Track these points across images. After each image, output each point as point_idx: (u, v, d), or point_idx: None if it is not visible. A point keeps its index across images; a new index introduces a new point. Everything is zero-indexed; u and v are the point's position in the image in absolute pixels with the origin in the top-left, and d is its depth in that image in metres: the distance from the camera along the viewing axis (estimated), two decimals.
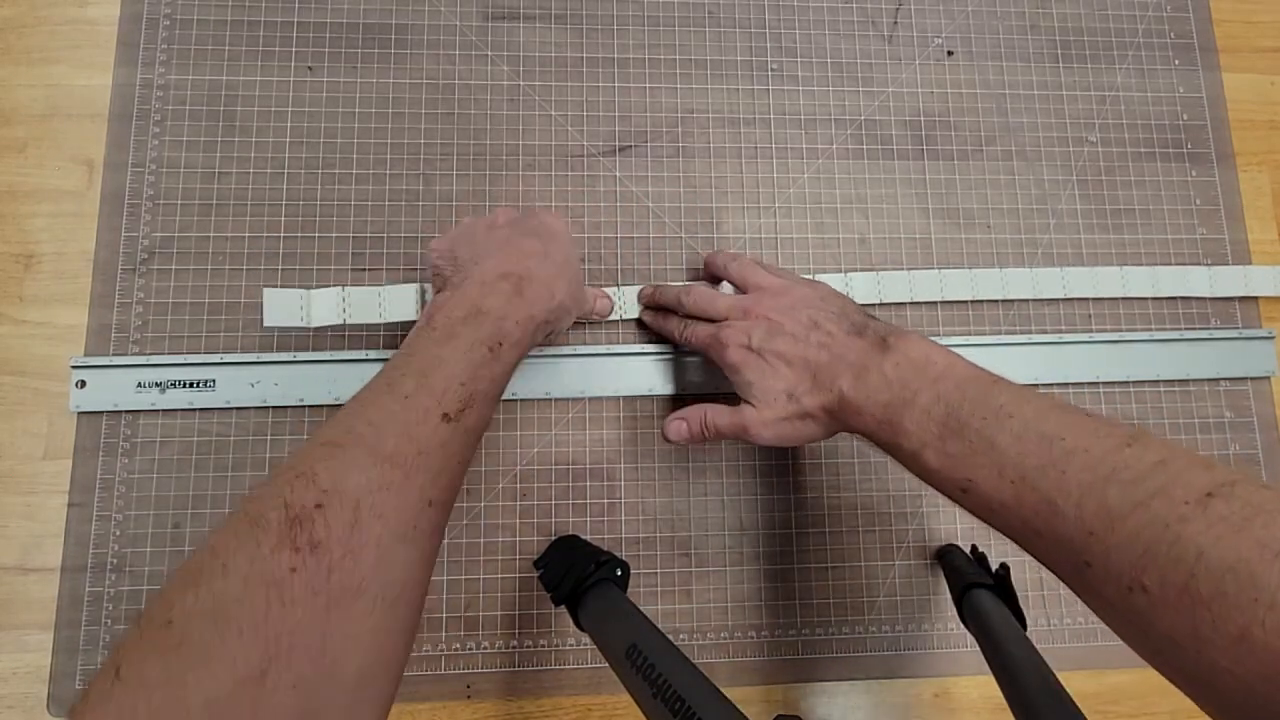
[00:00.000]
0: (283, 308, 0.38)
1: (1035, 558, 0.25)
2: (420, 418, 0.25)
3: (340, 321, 0.39)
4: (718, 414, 0.35)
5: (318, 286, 0.40)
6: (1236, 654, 0.19)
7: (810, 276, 0.42)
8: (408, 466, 0.23)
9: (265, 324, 0.38)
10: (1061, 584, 0.23)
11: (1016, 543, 0.26)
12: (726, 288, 0.40)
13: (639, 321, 0.43)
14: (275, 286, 0.37)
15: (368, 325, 0.42)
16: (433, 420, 0.25)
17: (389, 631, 0.22)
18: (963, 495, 0.26)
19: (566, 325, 0.36)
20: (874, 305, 0.44)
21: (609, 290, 0.43)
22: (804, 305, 0.34)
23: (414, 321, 0.36)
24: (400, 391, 0.25)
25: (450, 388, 0.26)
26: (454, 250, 0.33)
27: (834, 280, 0.44)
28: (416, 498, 0.24)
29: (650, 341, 0.43)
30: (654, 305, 0.42)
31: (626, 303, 0.43)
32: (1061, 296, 0.45)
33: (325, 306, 0.39)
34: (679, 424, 0.37)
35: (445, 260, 0.33)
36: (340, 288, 0.39)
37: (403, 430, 0.24)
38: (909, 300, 0.44)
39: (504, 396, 0.41)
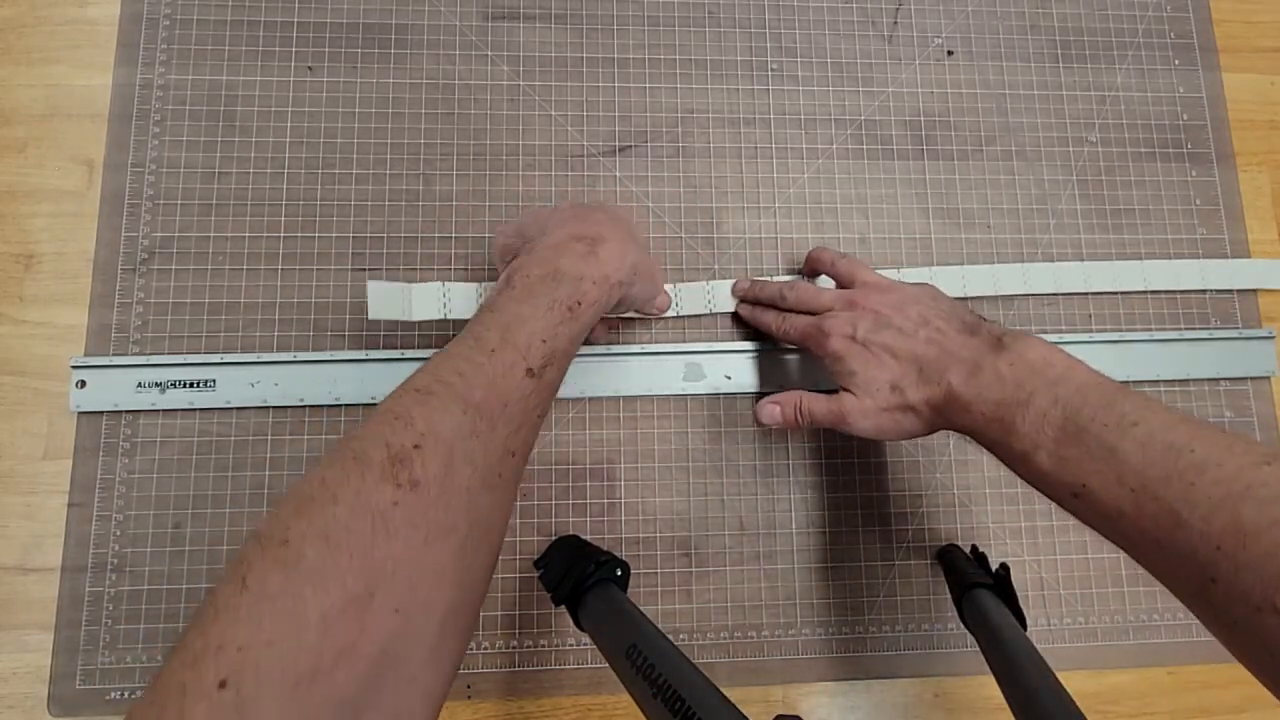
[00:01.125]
0: (387, 301, 0.36)
1: (1150, 571, 0.24)
2: (505, 371, 0.26)
3: (441, 317, 0.37)
4: (814, 401, 0.35)
5: (419, 279, 0.39)
6: None
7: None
8: (493, 417, 0.25)
9: (370, 317, 0.35)
10: (1061, 584, 0.23)
11: (1131, 555, 0.25)
12: (827, 282, 0.40)
13: (734, 316, 0.43)
14: (379, 279, 0.36)
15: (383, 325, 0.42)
16: (517, 374, 0.26)
17: (474, 570, 0.23)
18: (1074, 501, 0.25)
19: (642, 297, 0.36)
20: None
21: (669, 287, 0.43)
22: (913, 302, 0.34)
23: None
24: (485, 345, 0.26)
25: (533, 343, 0.27)
26: (521, 230, 0.34)
27: (825, 279, 0.44)
28: (500, 447, 0.25)
29: (650, 342, 0.43)
30: (752, 299, 0.42)
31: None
32: (1054, 292, 0.45)
33: (427, 301, 0.37)
34: (773, 408, 0.37)
35: (515, 238, 0.34)
36: (441, 283, 0.37)
37: (489, 382, 0.25)
38: None
39: None
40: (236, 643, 0.17)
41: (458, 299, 0.37)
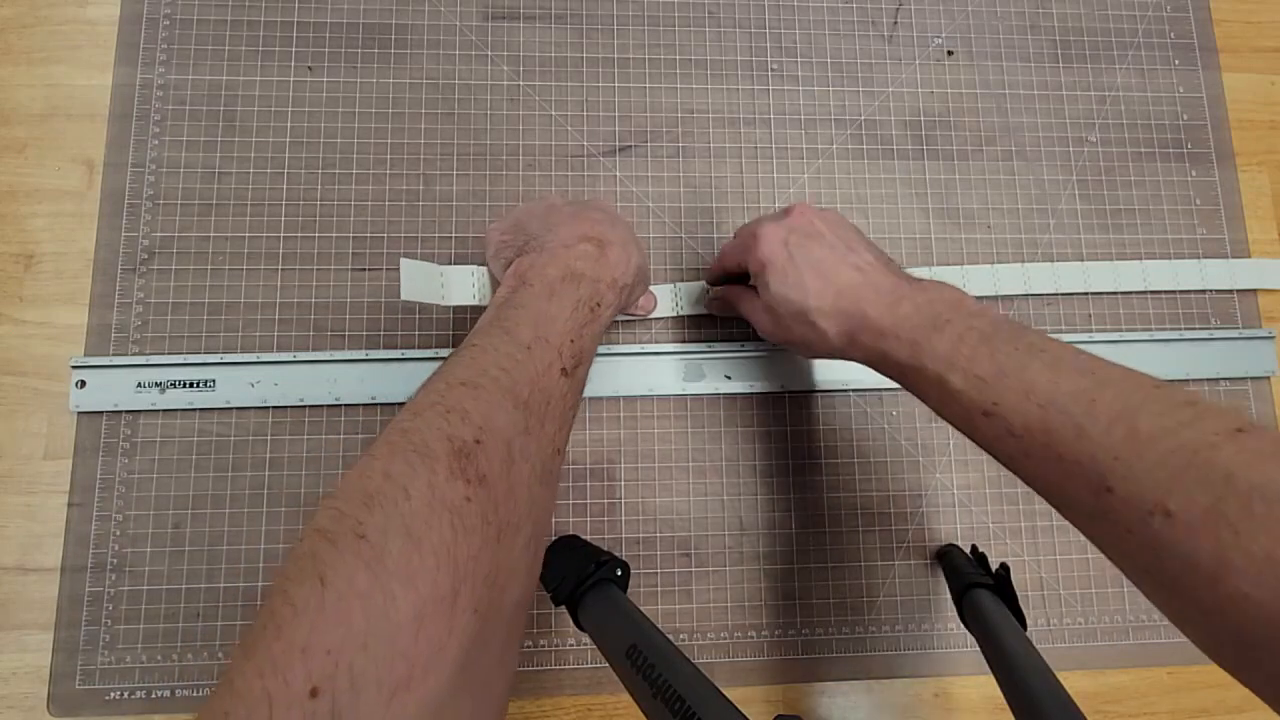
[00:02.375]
0: (421, 281, 0.34)
1: (1046, 492, 0.25)
2: (544, 369, 0.25)
3: (475, 302, 0.37)
4: (741, 293, 0.37)
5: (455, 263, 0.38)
6: (1261, 577, 0.19)
7: None
8: (541, 414, 0.24)
9: (403, 298, 0.34)
10: (1061, 584, 0.23)
11: (1030, 475, 0.26)
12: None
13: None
14: (414, 258, 0.35)
15: (370, 324, 0.42)
16: (555, 372, 0.26)
17: (532, 566, 0.23)
18: (984, 420, 0.26)
19: (635, 297, 0.36)
20: None
21: (660, 287, 0.43)
22: (848, 227, 0.34)
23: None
24: (520, 340, 0.26)
25: (564, 343, 0.27)
26: (520, 226, 0.33)
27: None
28: (550, 444, 0.25)
29: (650, 342, 0.43)
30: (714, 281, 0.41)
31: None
32: (1054, 292, 0.45)
33: (460, 285, 0.36)
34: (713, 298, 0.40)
35: (512, 234, 0.33)
36: (473, 266, 0.37)
37: (533, 379, 0.25)
38: None
39: None
40: (324, 645, 0.16)
41: (488, 285, 0.37)
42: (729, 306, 0.39)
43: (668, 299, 0.43)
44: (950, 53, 0.48)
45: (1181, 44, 0.49)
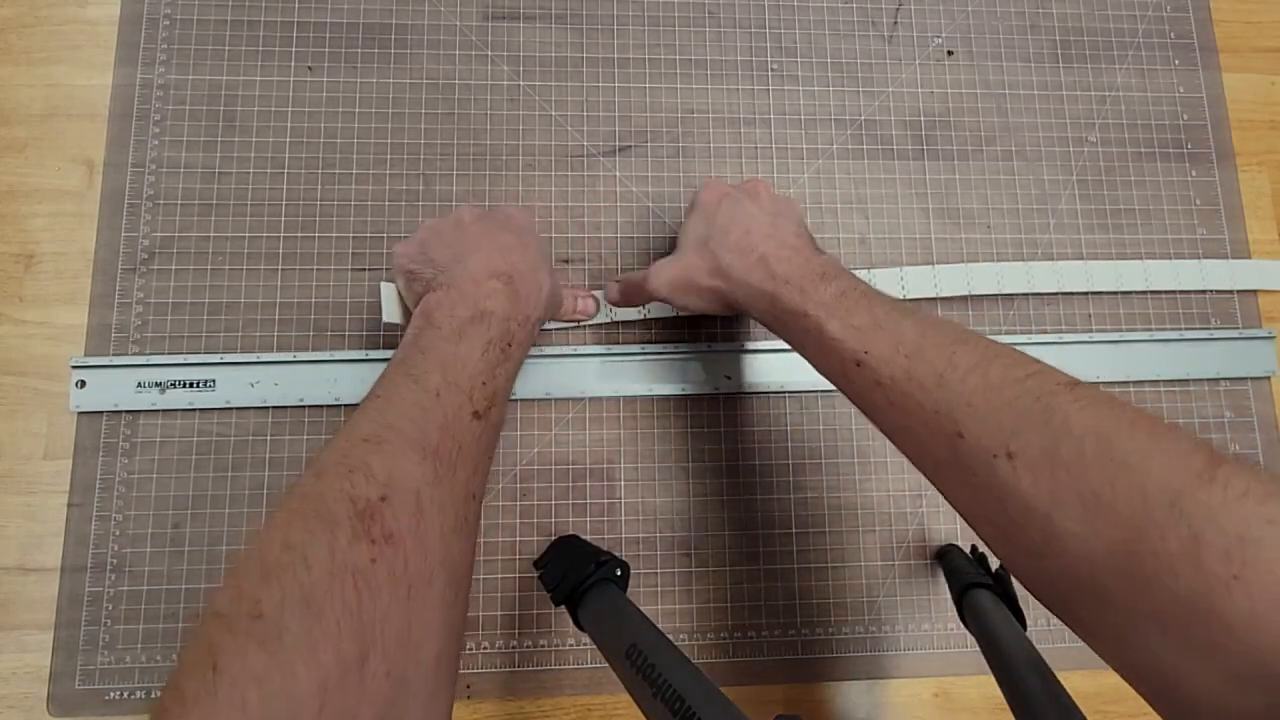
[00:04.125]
0: (402, 305, 0.36)
1: (904, 440, 0.27)
2: (454, 415, 0.25)
3: None
4: (634, 274, 0.38)
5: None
6: (1085, 515, 0.20)
7: None
8: (452, 461, 0.24)
9: (385, 320, 0.35)
10: None
11: (887, 424, 0.27)
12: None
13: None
14: (391, 281, 0.35)
15: (368, 326, 0.42)
16: (465, 417, 0.25)
17: (454, 617, 0.22)
18: (855, 369, 0.27)
19: (551, 313, 0.36)
20: None
21: (597, 292, 0.43)
22: (790, 208, 0.35)
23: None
24: (428, 387, 0.25)
25: (475, 386, 0.27)
26: (426, 251, 0.32)
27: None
28: (463, 492, 0.24)
29: (649, 342, 0.43)
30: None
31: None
32: (1056, 291, 0.45)
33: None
34: (613, 285, 0.40)
35: (419, 262, 0.32)
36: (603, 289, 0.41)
37: (442, 426, 0.24)
38: (902, 297, 0.44)
39: None
40: None
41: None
42: (630, 290, 0.39)
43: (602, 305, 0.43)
44: (950, 53, 0.48)
45: (1181, 44, 0.49)
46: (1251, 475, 0.18)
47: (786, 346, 0.43)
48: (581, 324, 0.43)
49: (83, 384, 0.40)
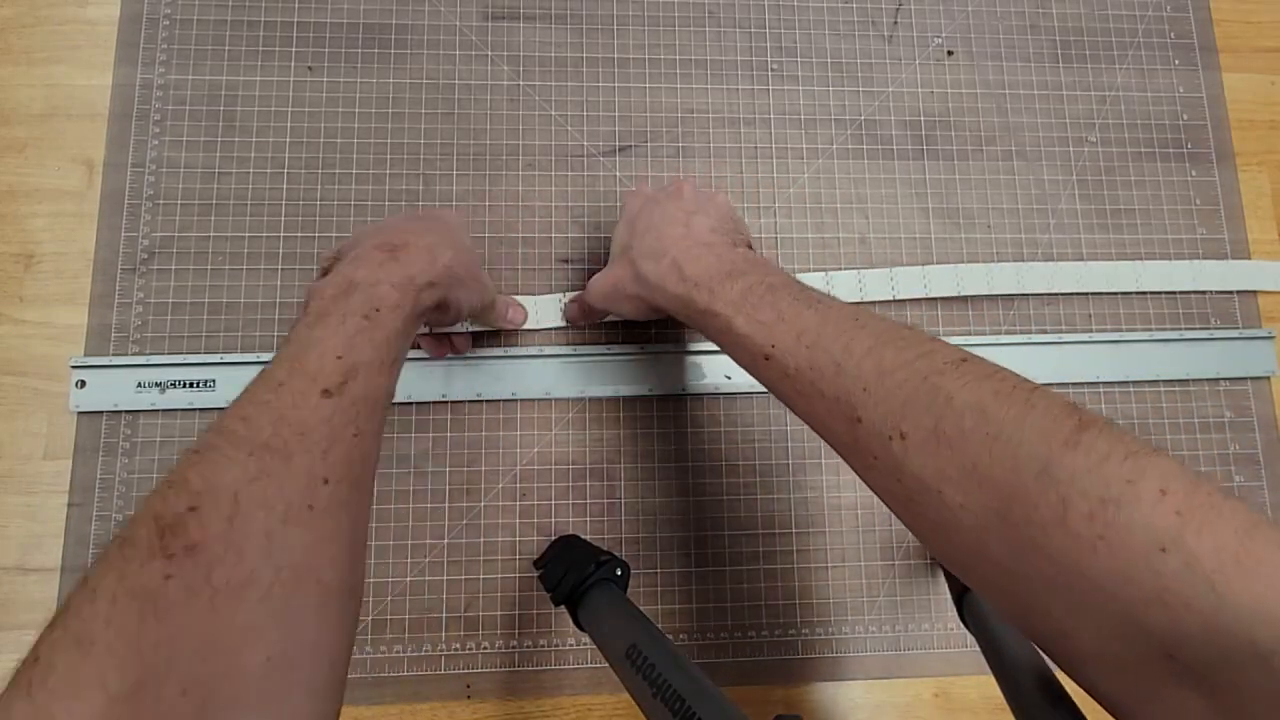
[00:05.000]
0: (540, 311, 0.42)
1: (815, 427, 0.27)
2: (296, 401, 0.24)
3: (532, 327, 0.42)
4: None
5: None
6: (968, 487, 0.21)
7: (809, 273, 0.42)
8: (287, 450, 0.23)
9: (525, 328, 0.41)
10: None
11: (799, 412, 0.28)
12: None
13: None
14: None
15: None
16: (311, 399, 0.24)
17: (299, 615, 0.21)
18: (765, 363, 0.28)
19: (468, 303, 0.35)
20: (861, 303, 0.44)
21: (548, 297, 0.43)
22: (712, 202, 0.36)
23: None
24: (273, 381, 0.25)
25: (325, 364, 0.25)
26: (339, 247, 0.32)
27: (816, 279, 0.44)
28: (304, 478, 0.23)
29: (649, 341, 0.43)
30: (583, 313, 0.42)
31: None
32: (1047, 292, 0.45)
33: (548, 310, 0.43)
34: (571, 304, 0.42)
35: (329, 259, 0.32)
36: (559, 294, 0.43)
37: (278, 417, 0.23)
38: (891, 298, 0.44)
39: (504, 397, 0.41)
40: None
41: (544, 309, 0.42)
42: (582, 309, 0.41)
43: (553, 308, 0.43)
44: (950, 53, 0.48)
45: (1181, 44, 0.49)
46: (1115, 438, 0.19)
47: None
48: (516, 330, 0.42)
49: (83, 384, 0.40)
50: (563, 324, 0.43)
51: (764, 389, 0.43)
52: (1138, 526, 0.17)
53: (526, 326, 0.42)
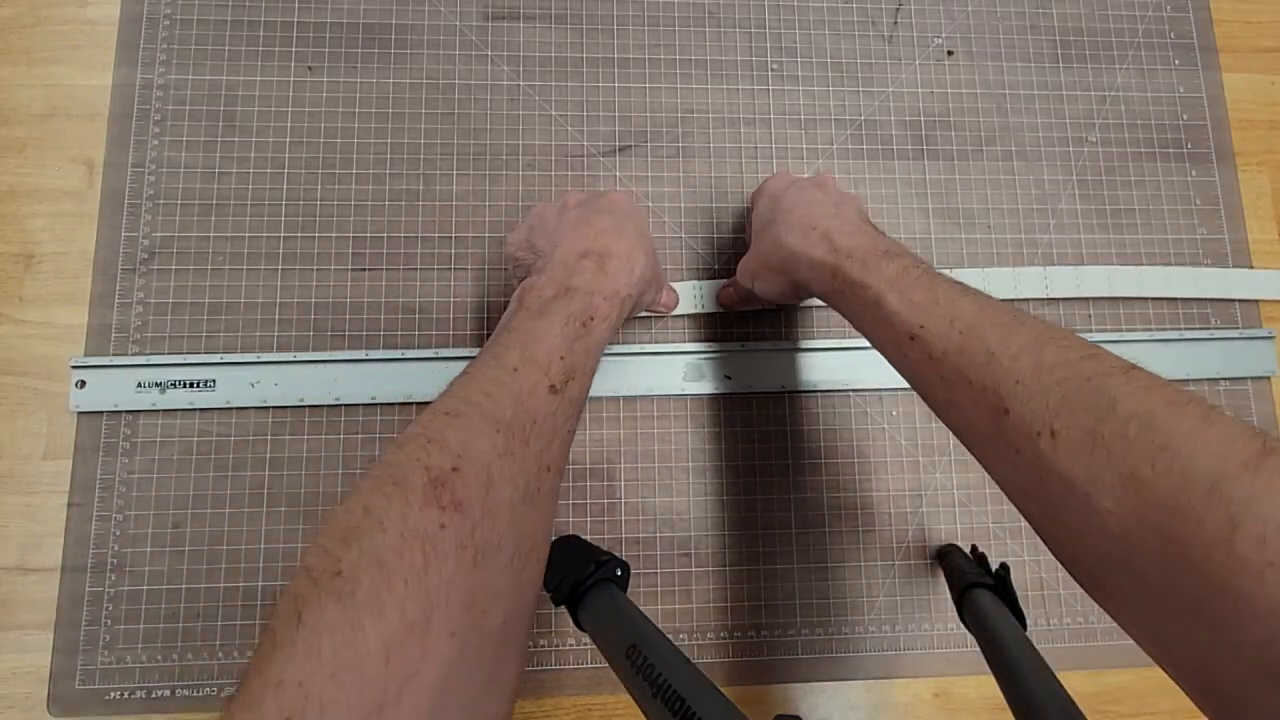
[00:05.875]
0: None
1: (951, 415, 0.27)
2: (530, 389, 0.26)
3: (696, 310, 0.43)
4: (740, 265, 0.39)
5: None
6: (1122, 494, 0.20)
7: None
8: (525, 434, 0.25)
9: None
10: (1061, 584, 0.23)
11: (936, 399, 0.28)
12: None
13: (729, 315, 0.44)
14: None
15: (368, 326, 0.42)
16: (541, 391, 0.26)
17: (523, 586, 0.23)
18: (909, 343, 0.28)
19: (649, 299, 0.37)
20: None
21: (683, 285, 0.43)
22: (853, 200, 0.37)
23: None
24: (507, 364, 0.26)
25: (553, 361, 0.27)
26: (530, 240, 0.35)
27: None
28: (535, 463, 0.25)
29: (650, 341, 0.43)
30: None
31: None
32: (1044, 296, 0.45)
33: (685, 297, 0.43)
34: (727, 289, 0.43)
35: (525, 251, 0.35)
36: (694, 281, 0.43)
37: (516, 400, 0.25)
38: None
39: None
40: (297, 678, 0.17)
41: (707, 294, 0.44)
42: (737, 292, 0.41)
43: (689, 296, 0.43)
44: (950, 53, 0.48)
45: (1181, 44, 0.49)
46: None
47: (788, 346, 0.43)
48: (664, 316, 0.43)
49: (83, 384, 0.40)
50: (694, 311, 0.43)
51: (764, 389, 0.43)
52: None
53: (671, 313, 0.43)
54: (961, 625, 0.38)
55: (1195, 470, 0.19)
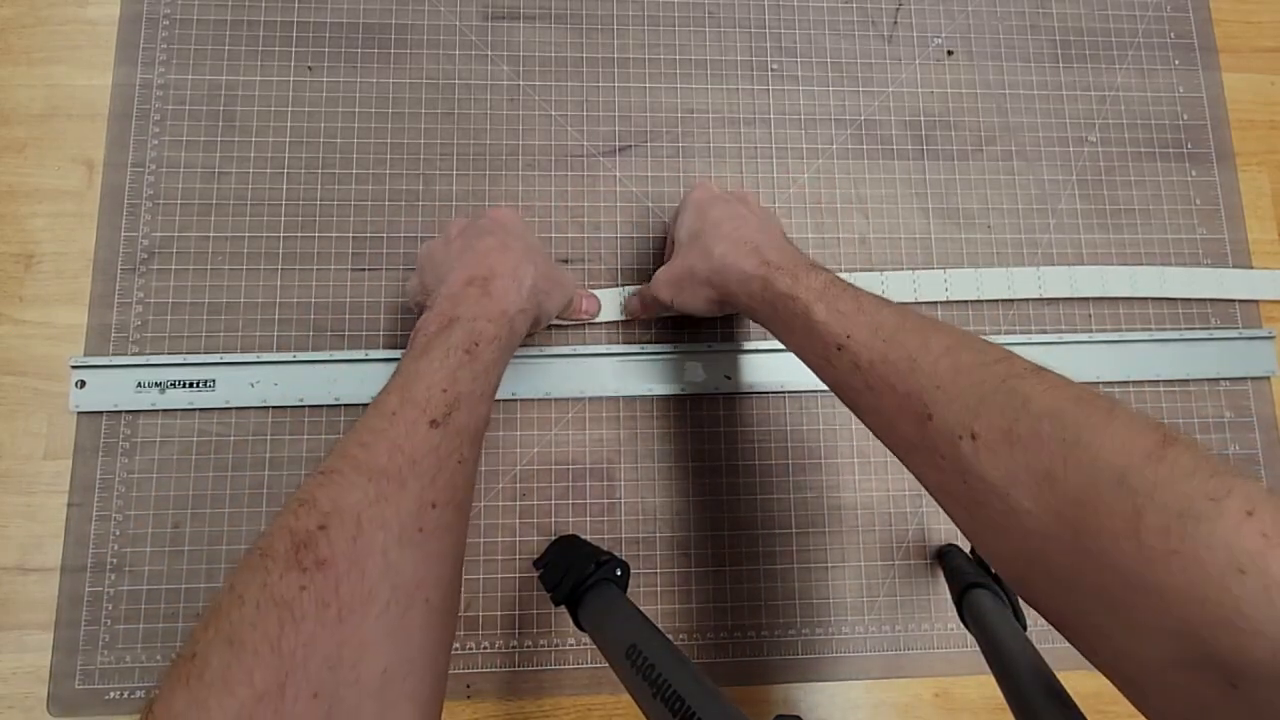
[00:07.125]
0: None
1: (879, 423, 0.28)
2: (408, 430, 0.26)
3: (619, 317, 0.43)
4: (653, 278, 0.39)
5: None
6: (1038, 492, 0.20)
7: None
8: (401, 476, 0.25)
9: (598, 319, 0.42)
10: None
11: (863, 408, 0.29)
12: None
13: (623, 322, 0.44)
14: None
15: (368, 325, 0.42)
16: (420, 429, 0.26)
17: (409, 630, 0.23)
18: (837, 353, 0.29)
19: (554, 307, 0.37)
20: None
21: (609, 291, 0.43)
22: (774, 218, 0.38)
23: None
24: (386, 410, 0.27)
25: (432, 395, 0.27)
26: (423, 281, 0.35)
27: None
28: (415, 503, 0.24)
29: (649, 342, 0.43)
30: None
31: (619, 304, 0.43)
32: (1039, 296, 0.45)
33: (609, 304, 0.43)
34: (632, 299, 0.42)
35: (421, 295, 0.35)
36: (619, 288, 0.43)
37: (392, 444, 0.25)
38: (913, 300, 0.44)
39: (504, 397, 0.41)
40: None
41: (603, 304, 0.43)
42: (645, 302, 0.41)
43: (614, 303, 0.43)
44: (950, 53, 0.48)
45: (1181, 44, 0.49)
46: (1200, 456, 0.18)
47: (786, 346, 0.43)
48: (585, 323, 0.43)
49: (82, 384, 0.40)
50: (621, 318, 0.43)
51: (764, 389, 0.43)
52: (1217, 545, 0.16)
53: (610, 318, 0.43)
54: (961, 625, 0.38)
55: (1102, 463, 0.19)
